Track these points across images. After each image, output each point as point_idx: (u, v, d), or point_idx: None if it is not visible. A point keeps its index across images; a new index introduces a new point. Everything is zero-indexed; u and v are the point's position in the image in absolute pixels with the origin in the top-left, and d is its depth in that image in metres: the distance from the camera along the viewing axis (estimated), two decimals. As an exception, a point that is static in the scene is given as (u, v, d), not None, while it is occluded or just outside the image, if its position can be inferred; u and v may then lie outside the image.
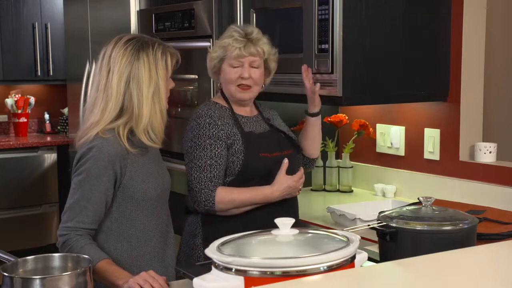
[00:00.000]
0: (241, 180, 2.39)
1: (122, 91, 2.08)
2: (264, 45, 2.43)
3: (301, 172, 2.43)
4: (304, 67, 2.54)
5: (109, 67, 2.09)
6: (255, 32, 2.43)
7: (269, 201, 2.39)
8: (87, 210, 2.03)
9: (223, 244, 1.65)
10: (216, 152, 2.39)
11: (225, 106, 2.48)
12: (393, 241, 1.90)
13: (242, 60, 2.40)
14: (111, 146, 2.05)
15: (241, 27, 2.46)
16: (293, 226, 1.70)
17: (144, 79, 2.08)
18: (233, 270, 1.54)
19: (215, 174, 2.38)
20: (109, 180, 2.04)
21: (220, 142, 2.39)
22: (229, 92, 2.46)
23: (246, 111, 2.51)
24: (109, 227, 2.09)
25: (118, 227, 2.10)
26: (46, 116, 5.67)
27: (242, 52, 2.38)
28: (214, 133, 2.40)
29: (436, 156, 3.10)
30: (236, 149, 2.38)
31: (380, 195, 3.27)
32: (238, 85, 2.43)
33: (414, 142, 3.20)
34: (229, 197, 2.36)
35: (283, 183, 2.37)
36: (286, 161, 2.37)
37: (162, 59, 2.12)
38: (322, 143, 3.41)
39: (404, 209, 2.04)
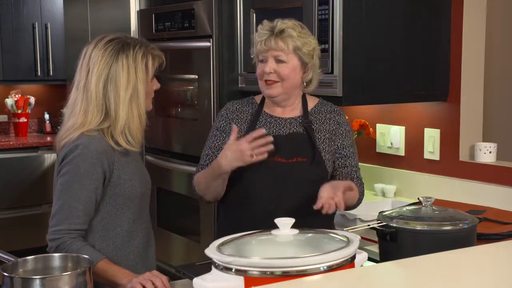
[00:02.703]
0: (229, 177, 2.37)
1: (101, 93, 2.04)
2: (290, 38, 2.25)
3: (259, 132, 2.17)
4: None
5: (89, 67, 2.07)
6: (279, 25, 2.26)
7: (221, 170, 2.22)
8: (77, 211, 1.99)
9: (223, 244, 1.65)
10: (216, 144, 2.39)
11: (256, 103, 2.43)
12: (393, 241, 1.90)
13: (265, 55, 2.30)
14: (98, 144, 2.03)
15: (272, 21, 2.31)
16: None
17: (121, 82, 2.04)
18: (233, 270, 1.54)
19: (208, 164, 2.39)
20: (98, 178, 2.02)
21: (223, 135, 2.39)
22: (260, 89, 2.38)
23: (281, 111, 2.38)
24: (94, 227, 2.06)
25: (104, 226, 2.07)
26: (46, 116, 5.67)
27: (263, 45, 2.29)
28: (221, 125, 2.41)
29: (436, 156, 3.10)
30: None
31: (380, 195, 3.27)
32: (265, 81, 2.32)
33: (414, 142, 3.20)
34: (198, 179, 2.37)
35: (228, 147, 2.19)
36: (234, 126, 2.20)
37: (142, 62, 2.07)
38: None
39: (404, 209, 2.04)
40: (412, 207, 2.10)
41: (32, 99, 5.53)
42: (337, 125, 2.39)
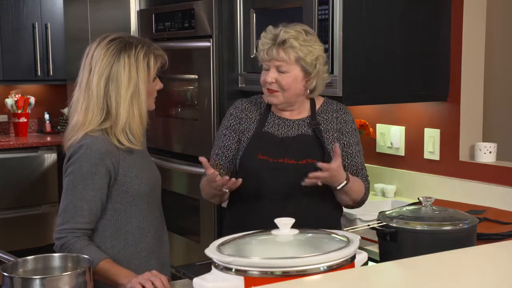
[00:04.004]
0: (238, 177, 2.38)
1: (102, 92, 2.06)
2: (292, 49, 2.23)
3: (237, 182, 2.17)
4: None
5: (91, 66, 2.08)
6: (282, 35, 2.23)
7: (215, 187, 2.22)
8: (82, 210, 2.01)
9: (223, 244, 1.65)
10: (226, 144, 2.39)
11: (264, 103, 2.42)
12: (393, 241, 1.90)
13: (268, 64, 2.28)
14: (101, 144, 2.04)
15: (276, 27, 2.29)
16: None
17: (123, 81, 2.05)
18: (233, 270, 1.54)
19: (218, 163, 2.39)
20: (102, 177, 2.03)
21: (234, 135, 2.38)
22: (264, 94, 2.38)
23: (289, 114, 2.37)
24: (104, 225, 2.08)
25: (114, 225, 2.09)
26: (46, 116, 5.67)
27: (265, 55, 2.27)
28: (231, 124, 2.40)
29: (436, 156, 3.10)
30: (241, 146, 2.38)
31: (380, 195, 3.27)
32: (267, 89, 2.30)
33: (414, 142, 3.20)
34: (202, 180, 2.37)
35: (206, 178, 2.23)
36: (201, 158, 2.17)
37: (143, 61, 2.08)
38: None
39: (404, 209, 2.04)
40: (412, 207, 2.10)
41: (32, 99, 5.53)
42: (343, 124, 2.38)
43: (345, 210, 2.67)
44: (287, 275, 1.50)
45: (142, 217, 2.13)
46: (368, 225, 1.98)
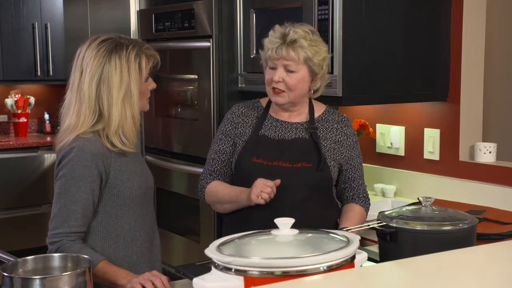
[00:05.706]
0: (234, 180, 2.39)
1: (94, 93, 2.04)
2: (301, 49, 2.24)
3: (275, 181, 2.19)
4: None
5: (82, 68, 2.07)
6: (292, 35, 2.24)
7: (240, 199, 2.27)
8: (76, 213, 1.99)
9: (223, 244, 1.65)
10: (221, 148, 2.40)
11: (261, 106, 2.43)
12: (393, 241, 1.90)
13: (276, 62, 2.28)
14: (93, 146, 2.03)
15: (283, 27, 2.29)
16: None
17: (114, 82, 2.04)
18: (233, 270, 1.54)
19: (215, 168, 2.40)
20: (94, 180, 2.01)
21: (228, 139, 2.40)
22: (267, 94, 2.37)
23: (287, 116, 2.38)
24: (95, 228, 2.06)
25: (104, 228, 2.07)
26: (46, 116, 5.67)
27: (274, 53, 2.27)
28: (227, 129, 2.41)
29: (436, 156, 3.10)
30: (237, 149, 2.38)
31: (380, 195, 3.27)
32: (273, 88, 2.31)
33: (414, 142, 3.20)
34: (215, 189, 2.37)
35: (254, 184, 2.20)
36: (277, 181, 2.20)
37: (135, 62, 2.07)
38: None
39: (404, 209, 2.04)
40: (412, 207, 2.10)
41: (32, 99, 5.52)
42: (344, 137, 2.39)
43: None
44: (287, 275, 1.50)
45: (133, 220, 2.11)
46: (368, 225, 1.98)
